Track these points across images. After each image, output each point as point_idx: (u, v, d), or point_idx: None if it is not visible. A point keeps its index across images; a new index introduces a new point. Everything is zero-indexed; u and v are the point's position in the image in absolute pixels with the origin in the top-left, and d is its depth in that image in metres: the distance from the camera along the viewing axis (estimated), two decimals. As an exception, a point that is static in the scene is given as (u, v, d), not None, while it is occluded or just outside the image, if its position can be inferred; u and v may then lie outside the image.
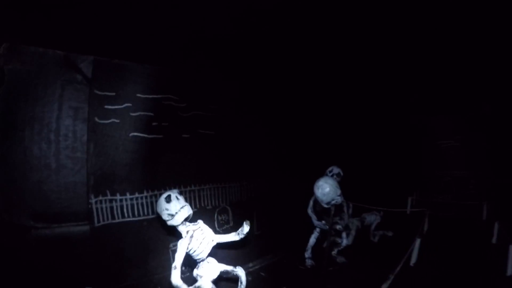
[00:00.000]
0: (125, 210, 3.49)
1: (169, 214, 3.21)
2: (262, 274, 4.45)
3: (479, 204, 6.39)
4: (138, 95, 3.57)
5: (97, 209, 3.32)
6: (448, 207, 6.81)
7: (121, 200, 3.47)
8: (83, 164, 3.28)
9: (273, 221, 5.07)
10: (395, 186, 7.12)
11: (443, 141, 6.95)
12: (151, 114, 3.64)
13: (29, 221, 3.08)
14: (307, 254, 4.83)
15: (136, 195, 3.55)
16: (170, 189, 3.75)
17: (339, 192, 3.92)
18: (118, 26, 3.40)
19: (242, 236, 3.72)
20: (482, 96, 6.29)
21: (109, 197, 3.40)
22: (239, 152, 4.50)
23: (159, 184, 3.71)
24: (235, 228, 4.41)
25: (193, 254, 3.28)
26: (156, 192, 3.66)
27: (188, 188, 3.96)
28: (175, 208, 3.21)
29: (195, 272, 3.37)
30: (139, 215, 3.56)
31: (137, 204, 3.55)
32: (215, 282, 3.43)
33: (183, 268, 3.28)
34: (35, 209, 3.10)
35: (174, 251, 3.72)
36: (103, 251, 3.34)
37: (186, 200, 3.80)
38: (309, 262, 4.76)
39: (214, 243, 3.45)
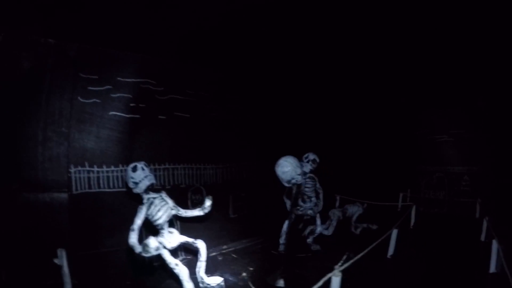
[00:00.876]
0: (101, 181, 3.90)
1: (133, 182, 3.54)
2: (234, 256, 4.68)
3: (472, 201, 6.25)
4: (119, 78, 4.01)
5: (75, 178, 3.77)
6: (441, 204, 6.71)
7: (98, 172, 3.89)
8: (66, 138, 3.74)
9: (251, 206, 5.32)
10: (387, 181, 7.08)
11: (437, 136, 6.84)
12: (130, 96, 4.06)
13: (17, 186, 3.56)
14: (281, 240, 5.00)
15: (112, 168, 3.95)
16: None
17: (299, 171, 4.05)
18: (102, 16, 3.85)
19: (206, 211, 3.98)
20: (477, 90, 6.19)
21: (87, 168, 3.83)
22: (216, 136, 4.83)
23: (135, 159, 3.97)
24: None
25: (152, 220, 3.56)
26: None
27: (162, 166, 4.33)
28: (139, 177, 3.52)
29: (156, 239, 3.60)
30: (114, 187, 3.97)
31: (113, 176, 3.96)
32: (174, 250, 3.69)
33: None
34: (22, 175, 3.58)
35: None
36: (79, 217, 3.76)
37: (157, 176, 4.21)
38: (282, 248, 4.93)
39: (174, 213, 3.68)
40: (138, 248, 3.24)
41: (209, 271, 3.98)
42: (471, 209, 6.28)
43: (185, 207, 4.40)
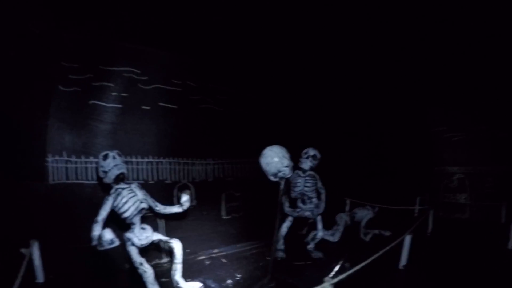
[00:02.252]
0: (79, 172, 3.76)
1: (103, 171, 3.39)
2: (224, 260, 4.34)
3: (497, 205, 5.57)
4: (100, 67, 3.93)
5: (52, 168, 3.65)
6: (462, 208, 6.04)
7: (76, 162, 3.76)
8: (45, 126, 3.66)
9: (246, 206, 5.00)
10: (403, 184, 6.52)
11: (455, 133, 6.21)
12: (111, 84, 3.96)
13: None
14: (279, 245, 4.59)
15: (91, 159, 3.81)
16: (126, 157, 3.96)
17: (286, 162, 3.65)
18: (84, 3, 3.85)
19: (184, 207, 3.75)
20: (497, 84, 5.59)
21: (65, 158, 3.71)
22: (206, 130, 4.62)
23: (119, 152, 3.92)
24: (197, 207, 4.49)
25: (119, 212, 3.36)
26: (111, 159, 3.88)
27: (146, 159, 4.14)
28: (108, 166, 3.38)
29: (125, 234, 3.41)
30: (92, 179, 3.80)
31: (91, 168, 3.80)
32: (144, 249, 3.45)
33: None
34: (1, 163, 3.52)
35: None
36: (55, 209, 3.62)
37: (140, 170, 4.06)
38: (280, 254, 4.51)
39: (144, 206, 3.45)
40: (95, 241, 3.03)
41: (191, 276, 3.76)
42: (496, 213, 5.62)
43: (171, 204, 4.22)
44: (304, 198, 4.68)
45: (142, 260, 3.28)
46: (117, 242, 3.13)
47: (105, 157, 3.42)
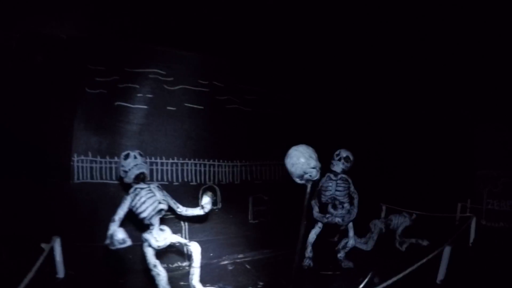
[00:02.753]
0: (103, 172, 3.77)
1: (123, 171, 3.39)
2: (248, 266, 4.17)
3: None
4: (126, 69, 3.94)
5: (78, 167, 3.69)
6: (507, 216, 5.51)
7: (101, 162, 3.78)
8: (71, 126, 3.72)
9: (275, 211, 4.82)
10: (444, 189, 6.03)
11: (499, 133, 5.69)
12: (137, 86, 3.96)
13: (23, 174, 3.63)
14: (307, 252, 4.34)
15: (116, 159, 3.79)
16: (151, 158, 3.96)
17: (313, 163, 3.39)
18: (108, 6, 3.90)
19: (206, 210, 3.68)
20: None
21: (90, 157, 3.74)
22: (233, 131, 4.50)
23: (142, 152, 3.85)
24: (222, 210, 4.36)
25: (136, 213, 3.33)
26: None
27: (171, 160, 4.09)
28: (129, 165, 3.36)
29: (143, 235, 3.36)
30: (116, 178, 3.78)
31: (115, 168, 3.79)
32: (163, 251, 3.41)
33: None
34: (26, 162, 3.63)
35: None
36: (79, 207, 3.67)
37: (164, 171, 4.00)
38: (306, 262, 4.27)
39: (162, 207, 3.39)
40: (107, 240, 3.02)
41: (212, 281, 3.65)
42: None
43: (195, 207, 4.14)
44: (336, 203, 4.40)
45: (157, 262, 3.23)
46: (128, 242, 3.08)
47: (126, 156, 3.41)
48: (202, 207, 3.66)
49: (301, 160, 3.29)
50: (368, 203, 5.38)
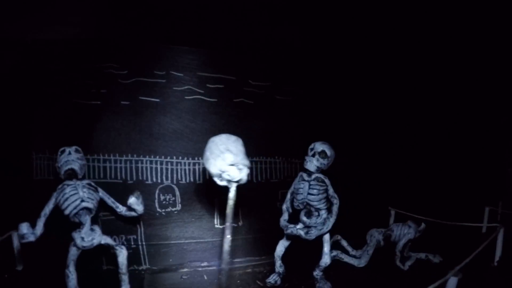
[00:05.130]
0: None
1: (57, 166, 3.34)
2: (205, 277, 3.80)
3: None
4: (82, 65, 3.92)
5: (36, 164, 3.84)
6: None
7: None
8: (30, 125, 3.89)
9: (248, 216, 4.34)
10: (467, 190, 4.93)
11: None
12: (91, 82, 3.94)
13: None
14: (276, 267, 3.73)
15: (72, 156, 3.83)
16: (104, 155, 3.91)
17: (231, 159, 2.73)
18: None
19: (138, 211, 3.46)
20: None
21: (47, 155, 3.86)
22: (196, 124, 4.16)
23: (95, 148, 3.90)
24: (182, 213, 4.09)
25: (61, 210, 3.23)
26: (89, 156, 3.84)
27: (124, 157, 3.96)
28: (61, 161, 3.30)
29: (72, 233, 3.25)
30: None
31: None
32: (88, 251, 3.26)
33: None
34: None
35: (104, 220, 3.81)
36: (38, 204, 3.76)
37: (117, 169, 3.89)
38: (272, 278, 3.67)
39: (86, 205, 3.23)
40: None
41: None
42: None
43: (152, 208, 3.97)
44: (311, 210, 3.67)
45: (72, 263, 3.12)
46: (31, 238, 3.04)
47: (62, 152, 3.37)
48: (129, 209, 3.46)
49: (214, 155, 2.76)
50: (374, 207, 4.65)
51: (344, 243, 4.31)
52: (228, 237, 2.85)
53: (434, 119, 5.22)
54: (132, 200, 3.38)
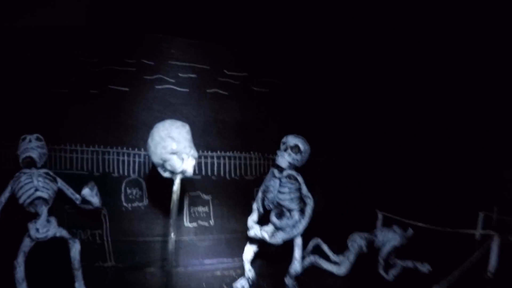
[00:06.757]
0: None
1: (17, 154, 3.26)
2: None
3: None
4: (54, 54, 3.85)
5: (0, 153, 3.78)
6: None
7: (19, 148, 3.79)
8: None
9: (220, 214, 4.12)
10: (460, 193, 4.57)
11: None
12: (60, 70, 3.85)
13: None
14: (245, 272, 3.49)
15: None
16: (70, 145, 3.81)
17: (171, 147, 2.46)
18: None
19: (94, 204, 3.32)
20: None
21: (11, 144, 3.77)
22: (165, 115, 3.92)
23: (62, 138, 3.79)
24: (148, 207, 3.93)
25: (17, 198, 3.14)
26: (55, 146, 3.75)
27: (91, 148, 3.85)
28: (19, 149, 3.23)
29: (28, 223, 3.14)
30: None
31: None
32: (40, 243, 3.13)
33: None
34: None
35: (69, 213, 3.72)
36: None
37: (84, 160, 3.79)
38: (239, 284, 3.43)
39: (42, 195, 3.13)
40: None
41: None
42: None
43: (118, 202, 3.83)
44: (283, 210, 3.40)
45: (22, 254, 3.01)
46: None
47: (23, 139, 3.30)
48: (84, 200, 3.32)
49: (154, 141, 2.55)
50: (360, 209, 4.36)
51: (325, 247, 3.99)
52: (172, 236, 2.64)
53: (428, 115, 4.83)
54: (85, 191, 3.26)
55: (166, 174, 2.71)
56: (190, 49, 4.09)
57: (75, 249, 3.19)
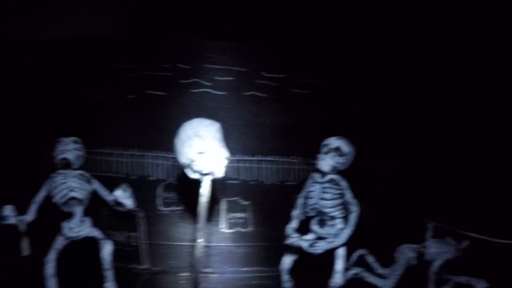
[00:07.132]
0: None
1: (54, 157, 3.38)
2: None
3: None
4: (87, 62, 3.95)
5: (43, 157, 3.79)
6: None
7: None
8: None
9: (259, 221, 3.99)
10: None
11: None
12: (97, 76, 3.94)
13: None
14: (283, 282, 3.32)
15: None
16: (109, 148, 3.87)
17: (200, 146, 2.32)
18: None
19: (127, 206, 3.38)
20: None
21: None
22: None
23: (99, 142, 3.84)
24: (185, 211, 3.90)
25: (51, 198, 3.29)
26: (94, 150, 3.79)
27: (129, 151, 3.87)
28: (56, 151, 3.36)
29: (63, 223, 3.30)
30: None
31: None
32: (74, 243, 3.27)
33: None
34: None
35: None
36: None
37: (122, 164, 3.88)
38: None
39: (76, 195, 3.26)
40: None
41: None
42: None
43: (153, 206, 3.91)
44: (324, 218, 3.23)
45: (53, 251, 3.16)
46: (11, 220, 3.08)
47: (59, 142, 3.42)
48: (117, 202, 3.41)
49: (181, 141, 2.46)
50: (409, 218, 4.03)
51: (371, 259, 3.77)
52: (199, 241, 2.55)
53: (486, 115, 4.40)
54: (118, 193, 3.35)
55: (195, 176, 2.64)
56: (225, 52, 4.05)
57: (106, 249, 3.29)
